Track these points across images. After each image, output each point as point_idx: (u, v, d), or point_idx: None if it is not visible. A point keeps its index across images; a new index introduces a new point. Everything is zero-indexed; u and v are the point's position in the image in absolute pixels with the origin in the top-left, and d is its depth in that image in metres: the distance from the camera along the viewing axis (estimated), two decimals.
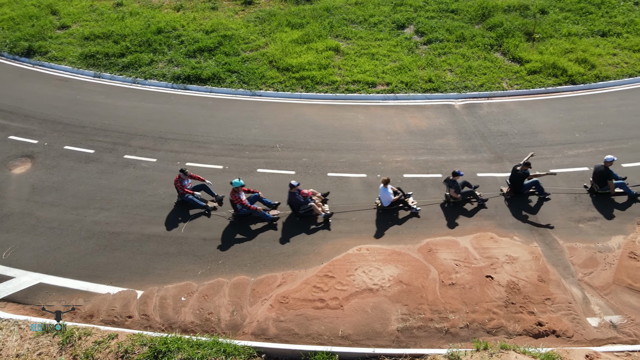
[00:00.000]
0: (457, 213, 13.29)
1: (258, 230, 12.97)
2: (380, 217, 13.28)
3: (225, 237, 12.83)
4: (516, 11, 23.49)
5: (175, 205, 13.73)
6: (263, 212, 13.13)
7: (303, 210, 13.07)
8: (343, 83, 19.42)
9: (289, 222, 13.21)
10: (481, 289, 11.02)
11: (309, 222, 13.13)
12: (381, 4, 25.14)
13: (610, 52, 20.26)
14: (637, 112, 16.86)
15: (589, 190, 13.76)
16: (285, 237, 12.79)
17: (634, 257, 11.56)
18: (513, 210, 13.30)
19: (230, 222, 13.26)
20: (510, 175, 13.58)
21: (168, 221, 13.32)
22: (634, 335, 10.04)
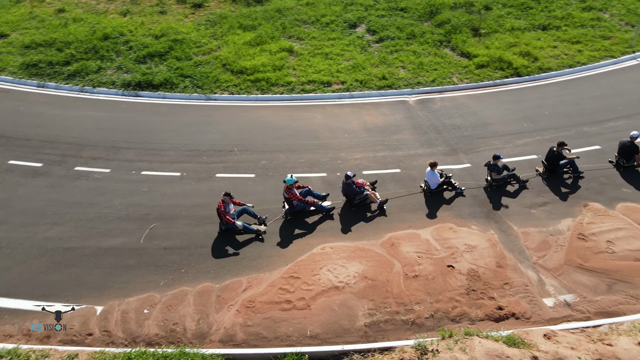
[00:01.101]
0: (417, 206, 13.59)
1: (221, 236, 12.79)
2: (343, 215, 13.39)
3: (187, 245, 12.58)
4: (462, 8, 24.26)
5: (219, 234, 12.84)
6: (320, 204, 13.28)
7: (358, 199, 13.36)
8: (298, 83, 19.45)
9: (253, 225, 13.09)
10: (443, 278, 11.31)
11: (278, 226, 13.09)
12: (332, 4, 25.35)
13: (550, 44, 21.27)
14: (577, 100, 17.77)
15: (615, 165, 14.56)
16: (248, 241, 12.67)
17: (582, 238, 12.18)
18: (469, 200, 13.73)
19: (286, 218, 13.24)
20: (546, 156, 14.18)
21: (125, 233, 12.91)
22: (587, 312, 10.58)
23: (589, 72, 19.55)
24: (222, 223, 12.69)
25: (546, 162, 14.28)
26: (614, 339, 9.62)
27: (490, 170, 13.89)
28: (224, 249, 12.44)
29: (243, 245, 12.54)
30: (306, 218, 13.28)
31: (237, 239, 12.71)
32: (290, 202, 13.03)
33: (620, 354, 9.18)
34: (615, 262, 11.49)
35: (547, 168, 14.30)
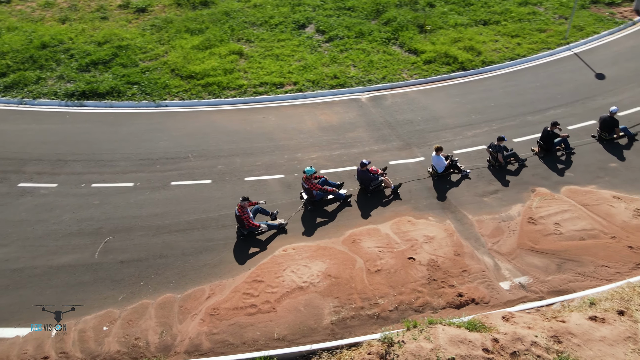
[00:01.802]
0: (375, 202, 13.80)
1: (180, 245, 12.50)
2: (303, 216, 13.41)
3: (145, 256, 12.21)
4: (407, 5, 24.83)
5: (241, 240, 12.61)
6: (338, 192, 13.54)
7: (374, 185, 13.76)
8: (250, 86, 19.29)
9: (213, 232, 12.88)
10: (405, 270, 11.55)
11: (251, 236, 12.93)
12: (280, 5, 25.31)
13: (492, 39, 22.14)
14: (520, 91, 18.60)
15: (598, 139, 15.70)
16: (208, 248, 12.46)
17: (532, 221, 12.77)
18: (425, 192, 14.08)
19: (307, 208, 13.48)
20: (541, 136, 15.14)
21: (78, 248, 12.39)
22: (540, 292, 11.11)
23: (529, 64, 20.50)
24: (243, 228, 12.44)
25: (542, 142, 15.19)
26: (566, 316, 10.15)
27: (495, 152, 14.56)
28: (184, 258, 12.17)
29: (203, 252, 12.31)
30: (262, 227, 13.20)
31: (196, 247, 12.47)
32: (310, 192, 13.24)
33: (572, 329, 9.69)
34: (563, 242, 12.12)
35: (543, 147, 15.21)
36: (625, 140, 15.58)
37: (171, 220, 13.25)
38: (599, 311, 10.13)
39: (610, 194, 13.46)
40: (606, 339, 9.47)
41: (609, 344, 9.36)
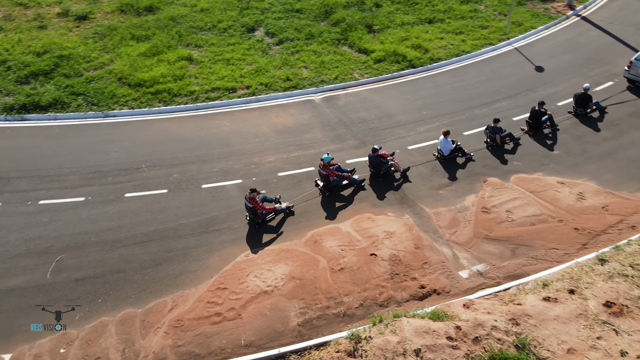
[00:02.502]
0: (334, 201, 13.91)
1: (138, 258, 12.14)
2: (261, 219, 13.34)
3: (101, 272, 11.77)
4: (354, 6, 25.20)
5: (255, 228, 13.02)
6: (353, 177, 14.15)
7: (385, 169, 14.36)
8: (202, 92, 18.99)
9: (172, 242, 12.59)
10: (368, 267, 11.71)
11: (210, 237, 12.67)
12: (227, 9, 25.07)
13: (437, 36, 22.82)
14: (467, 86, 19.28)
15: (574, 115, 17.02)
16: (167, 259, 12.16)
17: (485, 210, 13.27)
18: (383, 189, 14.33)
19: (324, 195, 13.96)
20: (530, 115, 16.19)
21: (28, 270, 11.78)
22: (497, 277, 11.56)
23: (474, 60, 21.28)
24: (257, 217, 12.78)
25: (531, 121, 16.20)
26: (522, 298, 10.61)
27: (492, 133, 15.46)
28: (143, 270, 11.83)
29: (163, 264, 12.00)
30: (227, 228, 13.03)
31: (155, 259, 12.15)
32: (328, 179, 13.74)
33: (529, 311, 10.15)
34: (515, 228, 12.66)
35: (532, 125, 16.25)
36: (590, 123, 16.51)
37: (127, 233, 12.84)
38: (551, 292, 10.65)
39: (555, 180, 14.19)
40: (560, 317, 9.97)
41: (563, 322, 9.87)
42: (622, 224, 12.57)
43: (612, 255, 11.49)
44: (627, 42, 21.64)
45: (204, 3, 25.65)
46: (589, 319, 9.94)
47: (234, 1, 25.95)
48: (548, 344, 9.38)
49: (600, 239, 12.25)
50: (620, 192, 13.64)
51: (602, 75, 19.12)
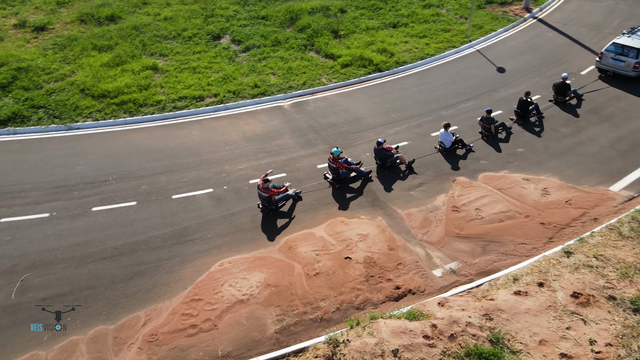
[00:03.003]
0: (306, 206, 13.92)
1: (108, 273, 11.81)
2: (235, 228, 13.21)
3: (69, 290, 11.39)
4: (319, 12, 25.38)
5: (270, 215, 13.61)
6: (360, 169, 14.66)
7: (390, 162, 14.93)
8: (169, 101, 18.72)
9: (143, 255, 12.31)
10: (343, 271, 11.75)
11: (177, 250, 12.44)
12: (192, 17, 24.84)
13: (402, 40, 23.23)
14: (433, 88, 19.68)
15: (555, 103, 18.13)
16: (139, 272, 11.89)
17: (455, 209, 13.53)
18: (355, 192, 14.43)
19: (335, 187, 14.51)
20: (518, 105, 17.16)
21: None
22: (469, 274, 11.79)
23: (438, 62, 21.74)
24: (271, 204, 13.37)
25: (519, 110, 17.13)
26: (494, 294, 10.85)
27: (487, 124, 16.25)
28: (114, 285, 11.52)
29: (134, 277, 11.72)
30: (200, 238, 12.85)
31: (126, 273, 11.85)
32: (337, 171, 14.24)
33: (501, 306, 10.39)
34: (485, 226, 12.96)
35: (520, 115, 17.19)
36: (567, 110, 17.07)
37: (95, 248, 12.50)
38: (522, 285, 10.94)
39: (520, 177, 14.61)
40: (531, 310, 10.25)
41: (534, 315, 10.14)
42: (585, 217, 13.05)
43: (577, 247, 11.91)
44: (582, 42, 22.55)
45: (167, 12, 25.34)
46: (558, 310, 10.25)
47: (198, 9, 25.74)
48: (521, 337, 9.63)
49: (565, 232, 12.67)
50: (582, 186, 14.16)
51: (561, 74, 19.83)
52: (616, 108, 17.64)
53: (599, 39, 22.72)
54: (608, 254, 11.58)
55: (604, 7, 25.95)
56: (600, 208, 13.29)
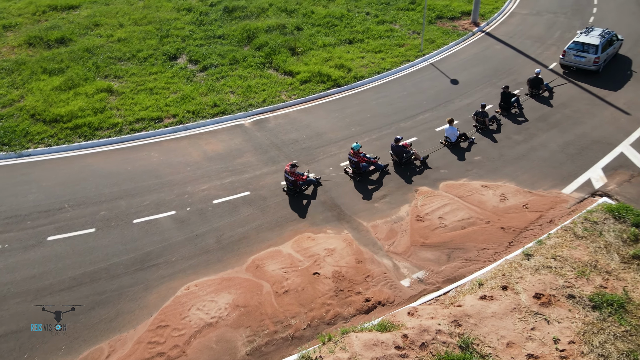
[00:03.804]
0: (272, 223, 13.83)
1: (68, 304, 11.27)
2: (200, 250, 12.95)
3: (24, 326, 10.79)
4: (276, 30, 25.60)
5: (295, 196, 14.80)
6: (378, 163, 15.71)
7: (406, 158, 15.84)
8: (126, 123, 18.28)
9: (104, 283, 11.84)
10: (312, 287, 11.70)
11: (148, 273, 12.01)
12: (146, 38, 24.50)
13: (359, 56, 23.71)
14: (390, 101, 20.12)
15: (530, 96, 19.86)
16: (100, 302, 11.42)
17: (419, 219, 13.79)
18: (320, 207, 14.47)
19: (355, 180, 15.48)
20: (501, 99, 18.64)
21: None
22: (436, 282, 12.00)
23: (394, 76, 22.29)
24: (296, 187, 14.62)
25: (502, 103, 18.63)
26: (461, 300, 11.08)
27: (482, 117, 17.52)
28: (74, 317, 11.00)
29: (96, 307, 11.24)
30: (164, 262, 12.50)
31: (88, 303, 11.36)
32: (358, 165, 15.23)
33: (468, 311, 10.61)
34: (449, 233, 13.26)
35: (504, 107, 18.66)
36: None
37: (52, 279, 11.93)
38: (487, 290, 11.23)
39: (479, 184, 15.08)
40: (497, 313, 10.52)
41: (500, 318, 10.41)
42: (541, 220, 13.58)
43: (536, 249, 12.36)
44: (527, 53, 23.71)
45: (120, 33, 24.90)
46: (523, 311, 10.56)
47: (152, 30, 25.43)
48: (489, 341, 9.84)
49: (524, 235, 13.13)
50: (537, 190, 14.76)
51: (510, 84, 20.74)
52: (563, 115, 18.57)
53: (542, 50, 23.95)
54: (565, 254, 12.07)
55: (545, 20, 27.45)
56: (554, 210, 13.87)
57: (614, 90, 20.11)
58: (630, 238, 12.42)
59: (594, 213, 13.37)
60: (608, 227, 12.80)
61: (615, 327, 10.13)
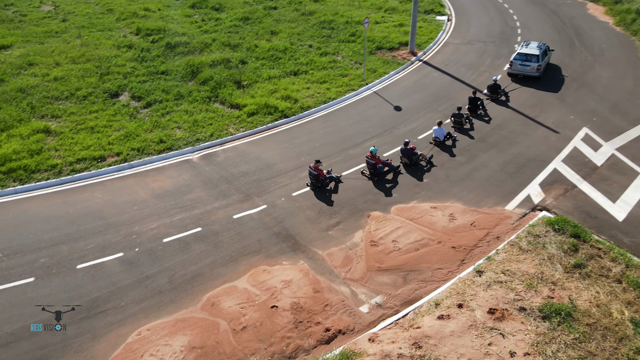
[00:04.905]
0: (226, 258, 13.52)
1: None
2: (151, 292, 12.39)
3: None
4: (221, 65, 25.68)
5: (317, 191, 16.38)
6: (392, 164, 17.19)
7: (415, 159, 17.57)
8: (66, 164, 17.48)
9: (47, 336, 11.00)
10: (271, 320, 11.45)
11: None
12: (85, 76, 23.85)
13: (304, 87, 24.16)
14: (338, 130, 20.53)
15: (492, 100, 22.39)
16: (42, 357, 10.59)
17: (374, 244, 13.95)
18: (274, 239, 14.33)
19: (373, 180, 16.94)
20: (469, 103, 21.17)
21: None
22: (395, 306, 12.08)
23: (340, 105, 22.83)
24: (317, 182, 16.25)
25: (471, 105, 21.10)
26: (420, 321, 11.20)
27: (459, 118, 19.97)
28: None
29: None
30: (112, 308, 11.83)
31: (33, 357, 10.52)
32: (375, 167, 16.72)
33: (427, 332, 10.73)
34: (403, 256, 13.48)
35: (472, 110, 21.15)
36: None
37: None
38: (443, 309, 11.43)
39: (428, 206, 15.53)
40: (455, 332, 10.70)
41: (458, 336, 10.59)
42: (489, 236, 14.12)
43: (486, 266, 12.78)
44: (462, 79, 25.08)
45: (57, 72, 24.09)
46: (479, 328, 10.81)
47: (91, 67, 24.80)
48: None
49: (474, 252, 13.57)
50: (482, 208, 15.38)
51: (449, 109, 21.76)
52: (500, 135, 19.64)
53: (476, 76, 25.42)
54: (513, 268, 12.56)
55: (476, 49, 29.26)
56: (500, 227, 14.47)
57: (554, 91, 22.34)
58: (570, 248, 13.13)
59: (536, 227, 14.07)
60: (550, 240, 13.49)
61: (565, 336, 10.56)
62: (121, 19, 32.95)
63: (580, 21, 32.96)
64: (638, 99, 22.07)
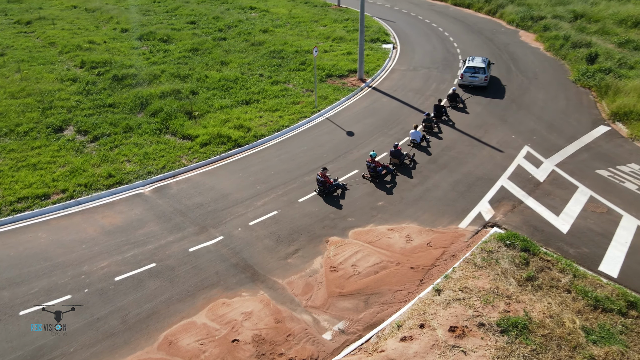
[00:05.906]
0: (183, 293, 13.05)
1: None
2: (103, 334, 11.72)
3: None
4: (171, 96, 25.36)
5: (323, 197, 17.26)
6: (389, 167, 18.69)
7: (403, 158, 19.27)
8: (5, 204, 16.49)
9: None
10: (232, 355, 11.08)
11: None
12: (26, 111, 22.88)
13: (257, 115, 24.21)
14: (292, 157, 20.61)
15: (452, 107, 25.10)
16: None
17: (334, 269, 13.92)
18: (232, 270, 14.01)
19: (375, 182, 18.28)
20: (435, 109, 23.68)
21: None
22: (357, 331, 12.03)
23: (293, 132, 23.00)
24: (325, 188, 17.25)
25: (436, 112, 23.55)
26: (383, 345, 11.19)
27: (429, 123, 22.26)
28: None
29: None
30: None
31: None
32: (376, 169, 18.09)
33: (391, 355, 10.72)
34: (363, 280, 13.51)
35: (438, 116, 23.50)
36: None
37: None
38: (406, 331, 11.49)
39: (385, 228, 15.74)
40: (418, 353, 10.75)
41: (422, 357, 10.64)
42: (445, 255, 14.44)
43: (444, 284, 13.03)
44: (410, 103, 25.99)
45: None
46: (441, 347, 10.92)
47: (32, 102, 23.82)
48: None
49: (432, 272, 13.82)
50: (437, 227, 15.76)
51: (400, 132, 22.42)
52: (449, 156, 20.38)
53: (423, 100, 26.43)
54: (470, 284, 12.87)
55: (422, 74, 30.52)
56: (455, 245, 14.86)
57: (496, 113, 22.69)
58: (522, 262, 13.65)
59: (489, 243, 14.55)
60: (502, 255, 13.97)
61: (523, 348, 10.85)
62: (64, 52, 32.04)
63: (514, 47, 35.20)
64: (571, 118, 23.67)
